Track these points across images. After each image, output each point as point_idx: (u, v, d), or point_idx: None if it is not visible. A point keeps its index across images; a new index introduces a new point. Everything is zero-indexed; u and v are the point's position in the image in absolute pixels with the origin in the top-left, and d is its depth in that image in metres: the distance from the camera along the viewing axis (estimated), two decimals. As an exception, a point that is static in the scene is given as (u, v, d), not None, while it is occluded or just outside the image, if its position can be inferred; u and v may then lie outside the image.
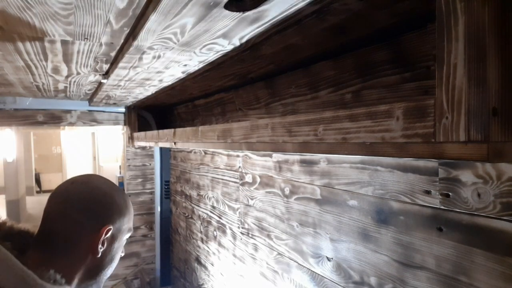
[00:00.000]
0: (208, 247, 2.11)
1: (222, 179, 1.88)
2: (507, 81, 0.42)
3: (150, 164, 2.93)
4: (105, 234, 0.77)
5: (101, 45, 1.00)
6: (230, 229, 1.80)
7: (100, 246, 0.76)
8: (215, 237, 2.00)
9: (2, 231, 0.75)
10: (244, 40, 0.90)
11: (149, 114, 2.72)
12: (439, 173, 0.76)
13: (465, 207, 0.71)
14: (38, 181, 11.47)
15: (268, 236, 1.44)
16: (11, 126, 3.78)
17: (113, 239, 0.80)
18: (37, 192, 11.35)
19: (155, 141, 1.94)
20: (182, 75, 1.37)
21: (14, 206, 7.26)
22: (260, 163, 1.49)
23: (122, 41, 0.97)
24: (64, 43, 0.98)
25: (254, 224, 1.55)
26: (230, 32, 0.84)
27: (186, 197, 2.47)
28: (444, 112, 0.47)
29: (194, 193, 2.32)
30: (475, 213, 0.69)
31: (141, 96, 1.99)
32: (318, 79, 1.12)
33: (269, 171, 1.42)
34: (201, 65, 1.19)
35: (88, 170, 12.99)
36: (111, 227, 0.78)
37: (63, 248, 0.74)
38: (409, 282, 0.84)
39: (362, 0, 0.65)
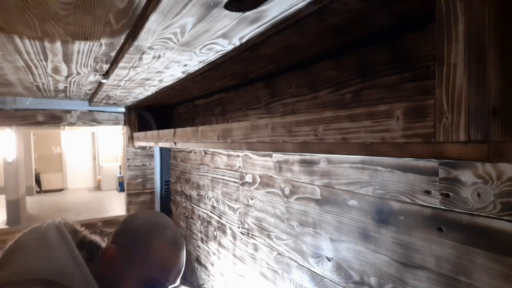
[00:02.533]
0: (208, 247, 2.11)
1: (222, 179, 1.88)
2: (507, 81, 0.42)
3: (150, 164, 2.93)
4: (109, 251, 0.84)
5: (101, 45, 1.00)
6: (230, 229, 1.80)
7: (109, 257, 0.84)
8: (215, 237, 2.00)
9: (78, 238, 0.87)
10: (244, 40, 0.90)
11: (149, 114, 2.72)
12: (439, 173, 0.76)
13: (465, 207, 0.71)
14: (38, 181, 11.48)
15: (268, 236, 1.44)
16: (11, 126, 3.78)
17: (123, 263, 0.82)
18: (37, 192, 11.35)
19: (155, 141, 1.94)
20: (182, 75, 1.37)
21: (14, 206, 7.26)
22: (260, 163, 1.49)
23: (122, 41, 0.97)
24: (64, 43, 0.98)
25: (254, 224, 1.55)
26: (230, 32, 0.84)
27: (186, 197, 2.47)
28: (444, 112, 0.47)
29: (194, 193, 2.32)
30: (475, 213, 0.69)
31: (141, 96, 1.99)
32: (318, 79, 1.12)
33: (269, 171, 1.42)
34: (201, 65, 1.19)
35: (88, 170, 13.01)
36: (113, 246, 0.84)
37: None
38: (409, 282, 0.84)
39: (362, 0, 0.65)
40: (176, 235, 0.88)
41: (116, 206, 8.68)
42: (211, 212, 2.05)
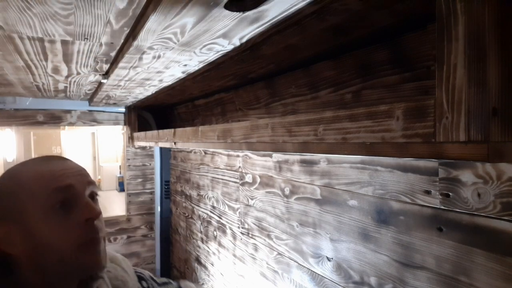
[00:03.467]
0: (208, 247, 2.11)
1: (222, 179, 1.88)
2: (507, 81, 0.42)
3: (150, 164, 2.93)
4: None
5: (101, 45, 1.00)
6: (230, 229, 1.80)
7: None
8: (215, 237, 2.00)
9: None
10: (244, 40, 0.90)
11: (149, 114, 2.72)
12: (439, 173, 0.76)
13: (465, 207, 0.71)
14: (38, 181, 11.45)
15: (268, 236, 1.44)
16: (11, 126, 3.78)
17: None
18: (37, 192, 11.32)
19: (155, 141, 1.94)
20: (182, 75, 1.37)
21: (14, 206, 7.25)
22: (260, 163, 1.49)
23: (122, 41, 0.97)
24: (64, 43, 0.98)
25: (254, 224, 1.55)
26: (230, 32, 0.84)
27: (186, 197, 2.47)
28: (444, 112, 0.47)
29: (194, 193, 2.32)
30: (475, 213, 0.69)
31: (141, 96, 1.99)
32: (318, 79, 1.12)
33: (269, 171, 1.42)
34: (201, 65, 1.19)
35: (88, 170, 12.96)
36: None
37: None
38: (409, 282, 0.84)
39: (362, 0, 0.65)
40: (45, 157, 0.65)
41: (116, 206, 8.67)
42: (211, 212, 2.05)
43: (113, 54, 1.11)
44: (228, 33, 0.84)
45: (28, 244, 0.56)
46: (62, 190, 0.58)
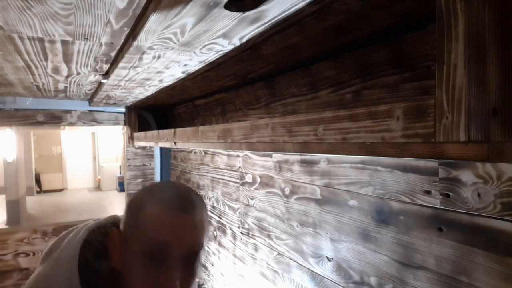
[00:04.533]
0: (208, 247, 2.11)
1: (222, 179, 1.88)
2: (507, 81, 0.42)
3: (150, 164, 2.93)
4: (111, 237, 0.68)
5: (101, 45, 1.00)
6: (230, 229, 1.80)
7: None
8: (215, 237, 2.00)
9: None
10: (244, 40, 0.90)
11: (149, 114, 2.72)
12: (439, 173, 0.76)
13: (465, 207, 0.71)
14: (38, 181, 11.47)
15: (268, 236, 1.44)
16: (11, 126, 3.78)
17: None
18: (37, 192, 11.35)
19: (155, 141, 1.94)
20: (182, 75, 1.37)
21: (14, 206, 7.26)
22: (260, 163, 1.49)
23: (122, 41, 0.97)
24: (64, 43, 0.98)
25: (254, 224, 1.55)
26: (230, 32, 0.84)
27: (186, 197, 2.47)
28: (444, 112, 0.47)
29: (194, 193, 2.31)
30: (475, 213, 0.69)
31: (141, 96, 1.99)
32: (318, 79, 1.12)
33: (269, 171, 1.42)
34: (201, 65, 1.19)
35: (88, 170, 13.01)
36: (115, 230, 0.70)
37: None
38: (409, 282, 0.84)
39: (362, 0, 0.65)
40: (179, 195, 0.64)
41: (116, 206, 8.68)
42: (211, 212, 2.05)
43: (113, 54, 1.11)
44: (228, 33, 0.84)
45: (124, 267, 0.63)
46: (155, 246, 0.59)
